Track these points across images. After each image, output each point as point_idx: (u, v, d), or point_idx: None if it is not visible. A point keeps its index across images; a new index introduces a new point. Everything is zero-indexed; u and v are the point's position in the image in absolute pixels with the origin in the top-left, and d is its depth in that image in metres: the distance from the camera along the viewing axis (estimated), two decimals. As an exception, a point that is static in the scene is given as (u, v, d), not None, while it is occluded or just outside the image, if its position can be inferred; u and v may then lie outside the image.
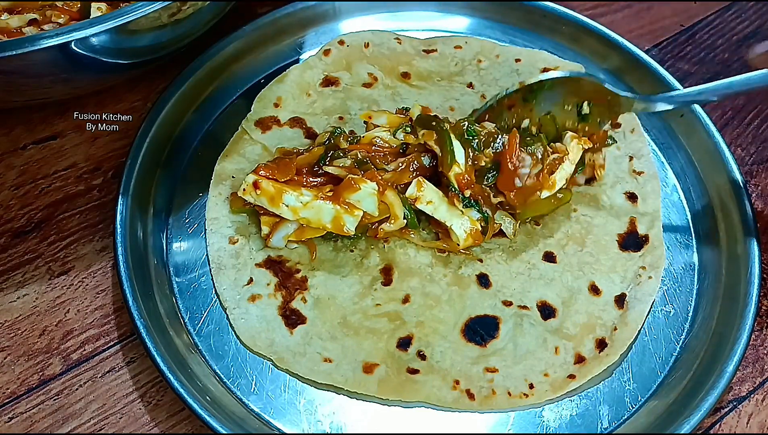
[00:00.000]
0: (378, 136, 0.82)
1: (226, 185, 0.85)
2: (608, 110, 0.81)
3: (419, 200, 0.79)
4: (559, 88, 0.81)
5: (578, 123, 0.83)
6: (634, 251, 0.83)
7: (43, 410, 0.73)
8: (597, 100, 0.81)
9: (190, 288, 0.79)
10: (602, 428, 0.73)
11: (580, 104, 0.82)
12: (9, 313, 0.79)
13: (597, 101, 0.81)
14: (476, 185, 0.80)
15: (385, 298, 0.79)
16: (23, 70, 0.74)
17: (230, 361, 0.75)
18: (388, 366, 0.74)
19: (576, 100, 0.82)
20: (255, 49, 0.97)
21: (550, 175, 0.80)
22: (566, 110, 0.82)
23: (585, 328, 0.78)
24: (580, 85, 0.80)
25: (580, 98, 0.81)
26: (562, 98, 0.81)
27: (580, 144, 0.82)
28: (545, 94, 0.81)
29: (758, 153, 0.96)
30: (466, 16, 1.03)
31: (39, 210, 0.86)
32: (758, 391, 0.78)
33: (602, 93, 0.81)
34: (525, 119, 0.83)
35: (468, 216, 0.79)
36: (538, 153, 0.80)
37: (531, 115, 0.82)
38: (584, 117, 0.82)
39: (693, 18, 1.10)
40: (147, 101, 0.95)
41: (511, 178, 0.79)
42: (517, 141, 0.79)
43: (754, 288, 0.77)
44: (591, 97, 0.81)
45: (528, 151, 0.80)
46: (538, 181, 0.80)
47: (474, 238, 0.79)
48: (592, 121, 0.82)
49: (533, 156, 0.79)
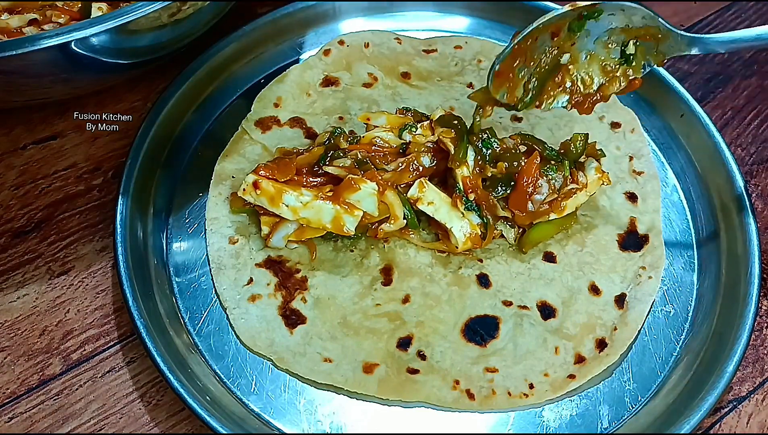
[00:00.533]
0: (378, 136, 0.82)
1: (226, 185, 0.85)
2: (655, 50, 0.75)
3: (420, 201, 0.79)
4: (606, 19, 0.74)
5: (620, 65, 0.77)
6: (634, 251, 0.83)
7: (43, 410, 0.73)
8: (644, 38, 0.75)
9: (190, 288, 0.79)
10: (602, 428, 0.73)
11: (625, 42, 0.75)
12: (9, 313, 0.79)
13: (644, 39, 0.75)
14: (481, 191, 0.80)
15: (385, 298, 0.79)
16: (23, 70, 0.74)
17: (230, 361, 0.75)
18: (388, 366, 0.74)
19: (622, 37, 0.75)
20: (255, 49, 0.97)
21: (563, 202, 0.81)
22: (609, 48, 0.76)
23: (585, 328, 0.78)
24: (631, 19, 0.73)
25: (627, 35, 0.75)
26: (608, 33, 0.75)
27: (602, 180, 0.82)
28: (591, 24, 0.74)
29: (758, 153, 0.96)
30: (465, 16, 1.03)
31: (39, 210, 0.86)
32: (758, 391, 0.78)
33: (653, 28, 0.74)
34: (566, 54, 0.76)
35: (468, 219, 0.79)
36: (556, 183, 0.80)
37: (572, 49, 0.75)
38: (628, 58, 0.76)
39: (693, 18, 1.10)
40: (147, 101, 0.95)
41: (525, 200, 0.79)
42: (537, 165, 0.78)
43: (754, 288, 0.77)
44: (639, 34, 0.74)
45: (547, 177, 0.80)
46: (550, 208, 0.80)
47: (473, 242, 0.79)
48: (636, 63, 0.76)
49: (551, 185, 0.79)
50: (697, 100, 0.93)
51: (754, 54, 1.06)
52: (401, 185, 0.80)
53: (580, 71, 0.77)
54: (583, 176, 0.82)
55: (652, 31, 0.75)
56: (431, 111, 0.92)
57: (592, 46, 0.76)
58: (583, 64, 0.77)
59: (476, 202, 0.79)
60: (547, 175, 0.80)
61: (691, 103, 0.91)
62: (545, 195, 0.80)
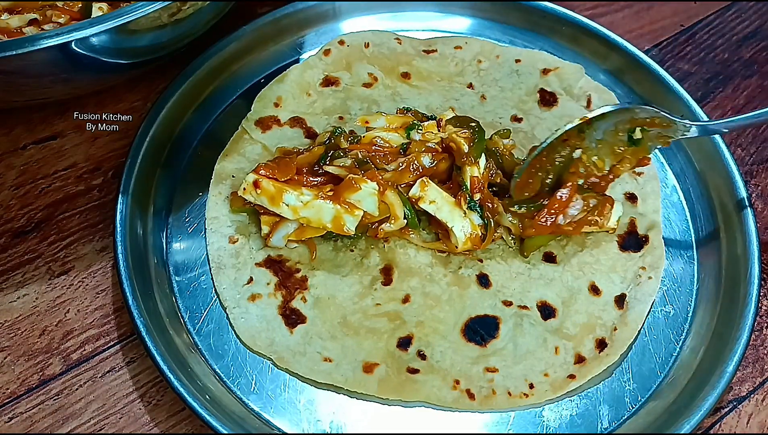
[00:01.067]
0: (378, 136, 0.82)
1: (226, 185, 0.85)
2: (663, 135, 0.81)
3: (422, 200, 0.79)
4: (612, 117, 0.81)
5: (629, 147, 0.82)
6: (634, 251, 0.83)
7: (43, 410, 0.73)
8: (650, 125, 0.81)
9: (190, 287, 0.79)
10: (602, 428, 0.73)
11: (632, 130, 0.81)
12: (9, 313, 0.79)
13: (650, 126, 0.81)
14: (487, 193, 0.80)
15: (385, 297, 0.79)
16: (23, 70, 0.74)
17: (230, 361, 0.75)
18: (388, 366, 0.74)
19: (629, 127, 0.81)
20: (255, 49, 0.97)
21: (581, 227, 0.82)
22: (618, 136, 0.82)
23: (585, 328, 0.78)
24: (636, 113, 0.80)
25: (633, 124, 0.81)
26: (615, 126, 0.81)
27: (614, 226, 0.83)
28: (598, 123, 0.81)
29: (758, 153, 0.96)
30: (466, 16, 1.03)
31: (39, 210, 0.86)
32: (758, 391, 0.78)
33: (658, 119, 0.80)
34: (577, 149, 0.82)
35: (470, 219, 0.79)
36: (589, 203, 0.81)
37: (582, 144, 0.82)
38: (636, 142, 0.82)
39: (693, 18, 1.10)
40: (147, 101, 0.95)
41: (555, 219, 0.80)
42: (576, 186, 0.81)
43: (754, 288, 0.77)
44: (645, 123, 0.81)
45: (582, 196, 0.81)
46: (567, 229, 0.81)
47: (473, 243, 0.79)
48: (643, 145, 0.82)
49: (586, 203, 0.81)
50: (697, 100, 0.94)
51: (754, 54, 1.06)
52: (401, 185, 0.80)
53: (591, 158, 0.83)
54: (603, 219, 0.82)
55: (657, 121, 0.80)
56: (431, 111, 0.92)
57: (601, 136, 0.82)
58: (594, 151, 0.83)
59: (480, 202, 0.80)
60: (584, 194, 0.81)
61: (691, 103, 0.91)
62: (578, 211, 0.80)
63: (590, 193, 0.81)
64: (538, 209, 0.80)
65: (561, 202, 0.80)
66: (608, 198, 0.83)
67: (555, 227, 0.80)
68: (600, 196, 0.82)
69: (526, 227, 0.81)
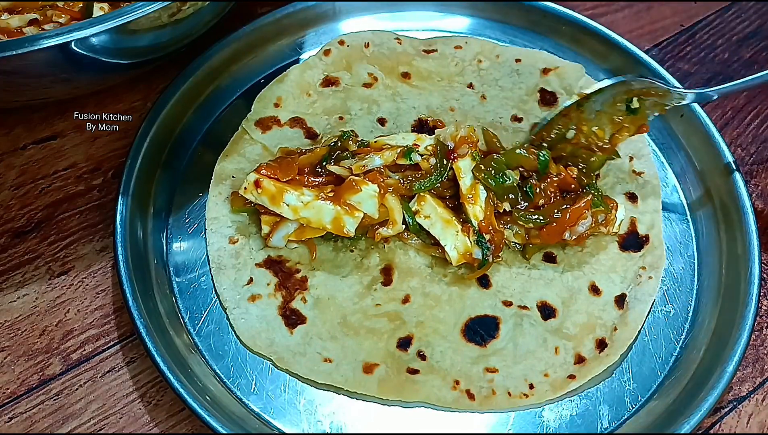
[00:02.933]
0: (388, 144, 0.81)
1: (226, 185, 0.85)
2: (659, 103, 0.84)
3: (419, 214, 0.79)
4: (609, 90, 0.84)
5: (627, 116, 0.85)
6: (635, 251, 0.83)
7: (43, 410, 0.73)
8: (647, 95, 0.84)
9: (190, 288, 0.79)
10: (602, 428, 0.73)
11: (630, 99, 0.84)
12: (9, 313, 0.79)
13: (646, 96, 0.84)
14: (498, 232, 0.79)
15: (385, 298, 0.79)
16: (23, 70, 0.74)
17: (230, 361, 0.75)
18: (388, 366, 0.74)
19: (626, 98, 0.84)
20: (255, 49, 0.97)
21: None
22: (617, 107, 0.85)
23: (585, 328, 0.78)
24: (632, 84, 0.84)
25: (630, 95, 0.84)
26: (613, 97, 0.85)
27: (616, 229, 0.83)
28: (596, 96, 0.85)
29: (758, 153, 0.96)
30: (466, 16, 1.02)
31: (39, 210, 0.86)
32: (758, 391, 0.78)
33: (653, 89, 0.84)
34: (571, 129, 0.86)
35: (465, 239, 0.78)
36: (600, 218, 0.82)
37: (581, 117, 0.86)
38: (633, 111, 0.85)
39: (693, 18, 1.10)
40: (147, 101, 0.95)
41: (561, 233, 0.80)
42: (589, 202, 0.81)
43: (754, 288, 0.77)
44: (641, 93, 0.84)
45: (593, 211, 0.81)
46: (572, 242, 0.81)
47: (467, 260, 0.79)
48: (641, 114, 0.85)
49: (596, 219, 0.81)
50: (697, 100, 0.94)
51: (754, 54, 1.06)
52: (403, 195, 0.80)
53: (592, 128, 0.86)
54: (613, 218, 0.83)
55: (653, 91, 0.84)
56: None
57: (600, 107, 0.86)
58: (594, 122, 0.86)
59: (490, 242, 0.79)
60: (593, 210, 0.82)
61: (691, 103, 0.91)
62: (586, 228, 0.80)
63: (599, 209, 0.81)
64: (547, 224, 0.80)
65: (571, 220, 0.80)
66: (613, 203, 0.83)
67: (560, 240, 0.80)
68: (607, 210, 0.82)
69: (532, 237, 0.81)
